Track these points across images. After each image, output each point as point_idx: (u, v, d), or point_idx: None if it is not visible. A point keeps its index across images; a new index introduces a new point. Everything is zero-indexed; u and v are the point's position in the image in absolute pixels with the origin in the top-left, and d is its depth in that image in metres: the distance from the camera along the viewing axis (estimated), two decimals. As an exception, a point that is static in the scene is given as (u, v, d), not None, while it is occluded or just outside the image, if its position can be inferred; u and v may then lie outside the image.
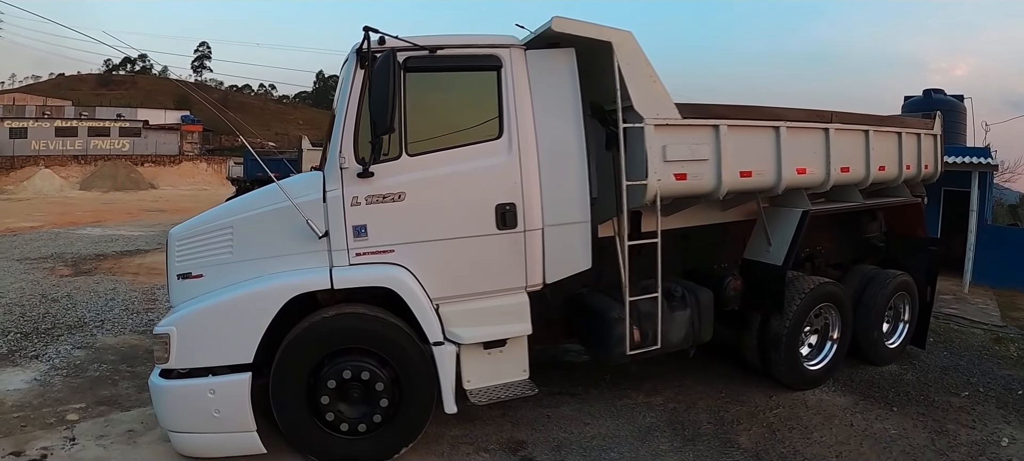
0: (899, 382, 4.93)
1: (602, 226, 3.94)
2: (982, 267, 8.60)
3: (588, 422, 3.98)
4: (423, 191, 3.29)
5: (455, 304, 3.40)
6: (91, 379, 4.48)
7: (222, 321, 3.12)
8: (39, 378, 4.45)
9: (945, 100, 10.14)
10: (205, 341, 3.10)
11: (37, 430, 3.55)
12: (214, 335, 3.10)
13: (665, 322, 3.88)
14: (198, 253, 3.32)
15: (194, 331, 3.11)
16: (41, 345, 5.20)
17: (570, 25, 3.41)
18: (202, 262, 3.30)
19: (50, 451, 3.28)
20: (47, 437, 3.45)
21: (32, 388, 4.24)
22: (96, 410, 3.89)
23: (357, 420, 3.26)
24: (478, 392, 3.48)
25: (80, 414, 3.82)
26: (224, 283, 3.23)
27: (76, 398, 4.07)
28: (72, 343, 5.30)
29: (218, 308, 3.14)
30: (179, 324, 3.12)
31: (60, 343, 5.29)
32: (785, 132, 4.24)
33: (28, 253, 10.26)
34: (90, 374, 4.58)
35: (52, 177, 30.79)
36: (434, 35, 3.39)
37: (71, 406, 3.93)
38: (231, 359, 3.09)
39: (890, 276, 5.24)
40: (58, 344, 5.25)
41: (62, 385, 4.33)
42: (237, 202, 3.63)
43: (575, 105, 3.56)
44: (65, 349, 5.12)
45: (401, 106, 3.24)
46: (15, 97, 42.87)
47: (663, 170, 3.69)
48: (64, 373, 4.57)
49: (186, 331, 3.10)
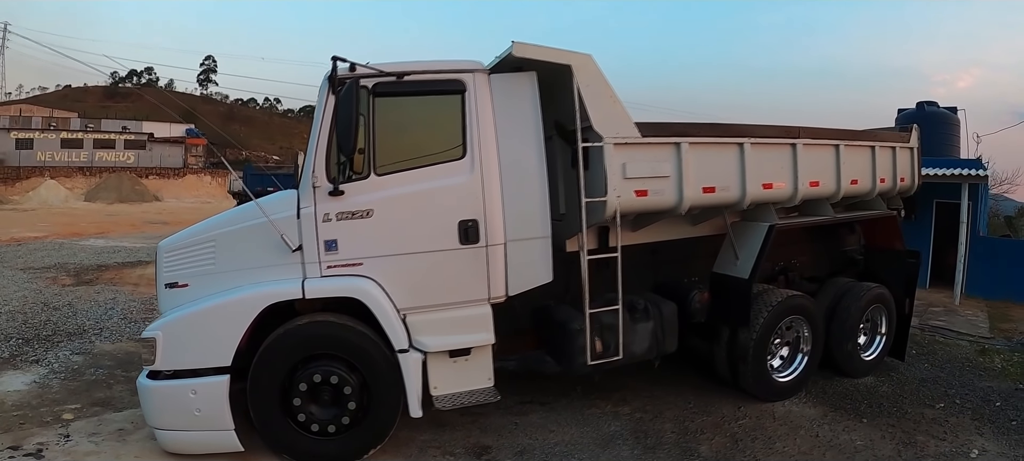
0: (873, 394, 5.10)
1: (570, 241, 4.23)
2: (975, 279, 8.70)
3: (553, 430, 4.24)
4: (390, 208, 3.62)
5: (421, 314, 3.71)
6: (87, 382, 4.86)
7: (203, 326, 3.47)
8: (38, 381, 4.83)
9: (938, 112, 10.30)
10: (188, 345, 3.45)
11: (34, 427, 3.92)
12: (196, 339, 3.45)
13: (627, 334, 4.13)
14: (184, 264, 3.69)
15: (178, 335, 3.46)
16: (42, 350, 5.61)
17: (530, 50, 3.74)
18: (187, 272, 3.67)
19: (45, 446, 3.65)
20: (43, 434, 3.83)
21: (31, 389, 4.63)
22: (90, 410, 4.26)
23: (327, 421, 3.57)
24: (443, 398, 3.77)
25: (75, 414, 4.19)
26: (207, 292, 3.59)
27: (72, 399, 4.45)
28: (71, 349, 5.71)
29: (200, 315, 3.49)
30: (165, 329, 3.48)
31: (60, 349, 5.70)
32: (750, 148, 4.50)
33: (32, 262, 10.82)
34: (87, 378, 4.97)
35: (57, 188, 31.90)
36: (402, 62, 3.75)
37: (67, 406, 4.30)
38: (211, 362, 3.43)
39: (864, 289, 5.43)
40: (58, 350, 5.66)
41: (60, 387, 4.72)
42: (220, 217, 4.00)
43: (536, 126, 3.88)
44: (64, 354, 5.53)
45: (370, 129, 3.59)
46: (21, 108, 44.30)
47: (623, 187, 3.97)
48: (62, 376, 4.97)
49: (171, 335, 3.46)
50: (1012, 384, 5.50)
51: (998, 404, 5.00)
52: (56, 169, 35.30)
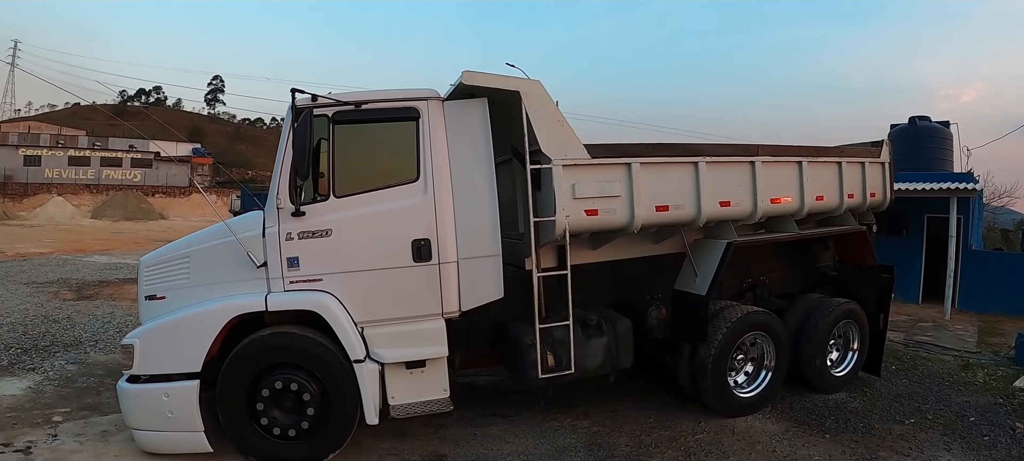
0: (842, 410, 5.31)
1: (529, 259, 4.59)
2: (968, 293, 8.80)
3: (510, 441, 4.58)
4: (347, 228, 4.06)
5: (378, 327, 4.12)
6: (79, 389, 5.38)
7: (175, 335, 3.94)
8: (33, 386, 5.38)
9: (930, 126, 10.48)
10: (162, 352, 3.92)
11: (25, 428, 4.42)
12: (169, 347, 3.92)
13: (579, 349, 4.46)
14: (162, 278, 4.19)
15: (153, 343, 3.94)
16: (38, 359, 6.19)
17: (479, 78, 4.17)
18: (165, 286, 4.16)
19: (34, 444, 4.14)
20: (33, 433, 4.33)
21: (26, 394, 5.17)
22: (78, 414, 4.76)
23: (288, 426, 3.99)
24: (398, 408, 4.17)
25: (64, 416, 4.69)
26: (182, 304, 4.06)
27: (63, 404, 4.96)
28: (66, 359, 6.27)
29: (173, 324, 3.97)
30: (142, 337, 3.96)
31: (55, 358, 6.27)
32: (705, 167, 4.83)
33: (35, 277, 11.62)
34: (78, 385, 5.50)
35: (64, 205, 33.52)
36: (361, 91, 4.22)
37: (57, 410, 4.81)
38: (182, 368, 3.89)
39: (833, 305, 5.66)
40: (53, 359, 6.24)
41: (52, 393, 5.25)
42: (196, 235, 4.49)
43: (487, 150, 4.29)
44: (59, 363, 6.10)
45: (330, 154, 4.05)
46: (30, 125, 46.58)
47: (572, 207, 4.34)
48: (56, 383, 5.51)
49: (147, 343, 3.93)
50: (991, 399, 5.63)
51: (972, 419, 5.15)
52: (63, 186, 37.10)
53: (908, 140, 10.27)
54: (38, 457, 3.94)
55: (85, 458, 4.01)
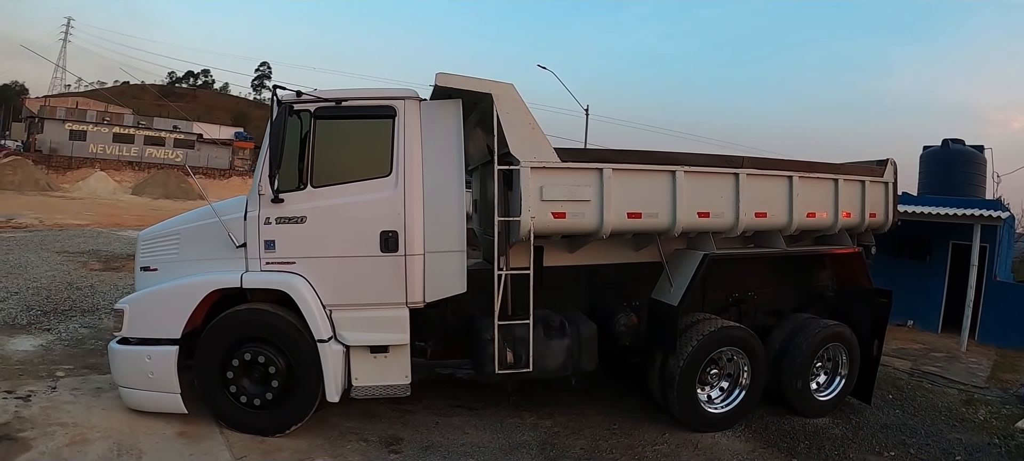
0: (819, 435, 5.25)
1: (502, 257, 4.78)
2: (990, 325, 8.39)
3: (468, 433, 4.81)
4: (321, 216, 4.39)
5: (344, 311, 4.44)
6: (86, 350, 5.99)
7: (160, 304, 4.39)
8: (45, 345, 6.03)
9: (963, 150, 10.00)
10: (147, 318, 4.38)
11: (30, 379, 5.00)
12: (154, 314, 4.37)
13: (539, 348, 4.64)
14: (155, 252, 4.66)
15: (140, 309, 4.40)
16: (55, 322, 6.88)
17: (452, 79, 4.41)
18: (158, 259, 4.63)
19: (34, 393, 4.69)
20: (36, 385, 4.89)
21: (37, 351, 5.81)
22: (80, 372, 5.32)
23: (254, 395, 4.37)
24: (359, 389, 4.45)
25: (66, 373, 5.26)
26: (171, 277, 4.50)
27: (68, 362, 5.55)
28: (81, 323, 6.95)
29: (158, 294, 4.43)
30: (131, 303, 4.45)
31: (71, 322, 6.96)
32: (683, 176, 4.90)
33: (68, 247, 12.66)
34: (86, 346, 6.11)
35: (106, 180, 35.71)
36: (343, 89, 4.53)
37: (62, 367, 5.40)
38: (164, 334, 4.33)
39: (820, 326, 5.59)
40: (69, 322, 6.92)
41: (61, 352, 5.87)
42: (189, 214, 4.92)
43: (458, 149, 4.53)
44: (74, 327, 6.76)
45: (311, 146, 4.38)
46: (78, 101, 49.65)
47: (539, 209, 4.52)
48: (66, 343, 6.15)
49: (135, 309, 4.40)
50: (987, 438, 5.44)
51: (958, 458, 5.00)
52: (106, 162, 39.37)
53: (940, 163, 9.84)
54: (35, 405, 4.47)
55: (77, 409, 4.52)
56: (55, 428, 4.12)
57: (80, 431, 4.14)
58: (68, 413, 4.40)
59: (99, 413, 4.46)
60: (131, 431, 4.23)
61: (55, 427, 4.14)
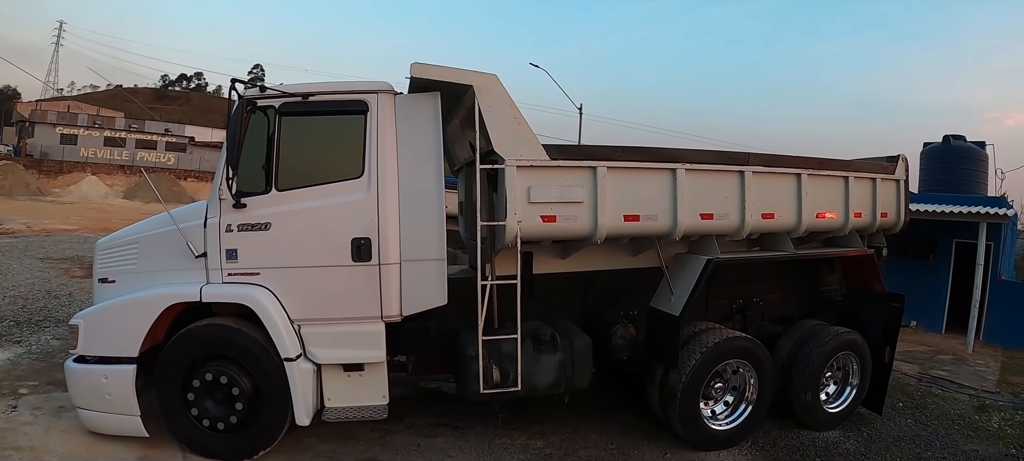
0: (830, 451, 4.89)
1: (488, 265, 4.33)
2: (994, 326, 8.06)
3: (453, 455, 4.39)
4: (287, 222, 3.96)
5: (314, 326, 4.00)
6: (53, 364, 5.54)
7: (115, 319, 3.96)
8: (12, 359, 5.61)
9: (964, 146, 9.68)
10: (103, 334, 3.96)
11: (-10, 397, 4.62)
12: (109, 330, 3.95)
13: (529, 364, 4.20)
14: (113, 262, 4.22)
15: (95, 325, 3.98)
16: (27, 333, 6.45)
17: (428, 70, 3.96)
18: (116, 270, 4.19)
19: (-7, 412, 4.32)
20: (-4, 403, 4.51)
21: (2, 365, 5.40)
22: (44, 388, 4.92)
23: (218, 418, 3.96)
24: (332, 411, 4.01)
25: (30, 390, 4.86)
26: (130, 289, 4.07)
27: (33, 378, 5.14)
28: (53, 334, 6.50)
29: (113, 309, 4.00)
30: (86, 318, 4.02)
31: (43, 333, 6.51)
32: (684, 175, 4.46)
33: (52, 253, 12.17)
34: (55, 360, 5.66)
35: (98, 184, 35.20)
36: (309, 83, 4.08)
37: (26, 383, 5.00)
38: (120, 352, 3.92)
39: (830, 334, 5.19)
40: (41, 333, 6.48)
41: (28, 366, 5.46)
42: (149, 221, 4.45)
43: (436, 147, 4.09)
44: (45, 338, 6.32)
45: (275, 146, 3.93)
46: (70, 104, 48.89)
47: (526, 211, 4.07)
48: (35, 357, 5.72)
49: (90, 325, 3.98)
50: (1004, 448, 5.09)
51: (977, 473, 4.62)
52: (98, 165, 38.89)
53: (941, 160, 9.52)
54: (-9, 426, 4.07)
55: (35, 431, 4.14)
56: (10, 452, 3.81)
57: (36, 455, 3.82)
58: (25, 436, 4.04)
59: (58, 436, 4.10)
60: (89, 456, 3.87)
61: (10, 451, 3.82)
